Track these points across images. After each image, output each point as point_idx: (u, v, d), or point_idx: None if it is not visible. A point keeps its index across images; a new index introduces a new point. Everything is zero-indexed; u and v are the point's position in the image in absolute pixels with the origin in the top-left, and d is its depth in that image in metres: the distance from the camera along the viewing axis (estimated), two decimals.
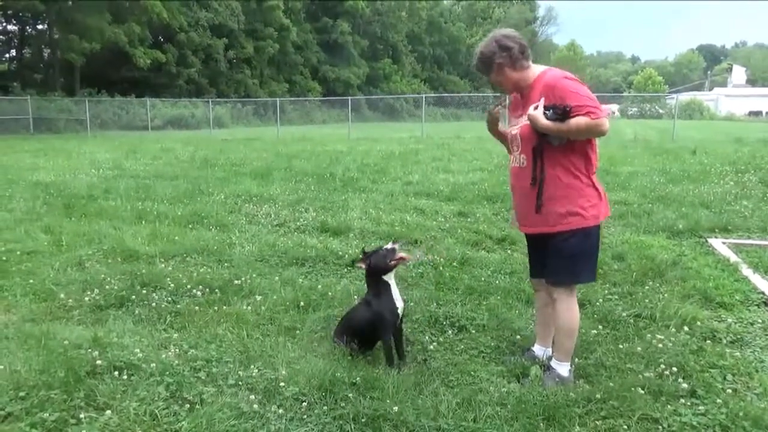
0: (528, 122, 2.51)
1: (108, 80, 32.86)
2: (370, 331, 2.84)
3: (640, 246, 4.93)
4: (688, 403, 2.45)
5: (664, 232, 5.52)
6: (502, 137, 2.85)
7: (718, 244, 5.07)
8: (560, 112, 2.39)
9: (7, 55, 33.51)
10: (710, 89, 72.85)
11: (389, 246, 2.87)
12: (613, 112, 55.30)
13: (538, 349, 2.94)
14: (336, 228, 5.55)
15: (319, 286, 3.88)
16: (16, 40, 34.75)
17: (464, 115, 47.27)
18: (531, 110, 2.47)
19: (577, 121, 2.37)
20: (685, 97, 50.89)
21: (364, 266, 2.86)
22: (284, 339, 3.06)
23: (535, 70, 2.58)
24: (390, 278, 2.84)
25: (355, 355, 2.84)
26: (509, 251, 4.92)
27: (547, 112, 2.43)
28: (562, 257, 2.56)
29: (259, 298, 3.65)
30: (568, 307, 2.62)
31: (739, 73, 78.82)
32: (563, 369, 2.66)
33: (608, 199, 2.75)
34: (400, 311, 2.83)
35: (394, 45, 55.24)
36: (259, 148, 16.06)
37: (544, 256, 2.65)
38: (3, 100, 25.79)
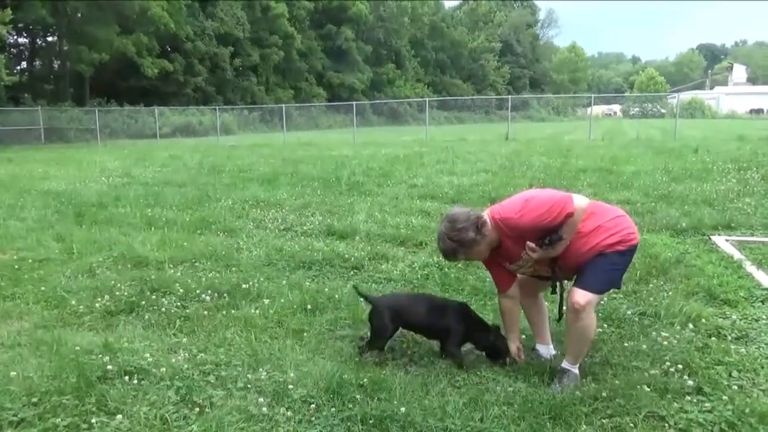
0: (535, 257, 2.58)
1: (117, 90, 33.24)
2: (438, 333, 2.92)
3: (644, 244, 4.87)
4: (694, 400, 2.44)
5: (668, 231, 5.50)
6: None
7: (721, 241, 5.05)
8: (555, 237, 2.52)
9: (19, 67, 33.88)
10: (711, 88, 72.49)
11: (504, 360, 2.89)
12: (615, 112, 55.19)
13: (542, 349, 2.95)
14: (342, 231, 5.58)
15: (326, 289, 3.91)
16: (26, 53, 35.26)
17: (467, 118, 47.32)
18: (534, 256, 2.56)
19: (566, 227, 2.48)
20: (686, 96, 50.75)
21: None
22: (292, 342, 3.08)
23: (491, 224, 2.59)
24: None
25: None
26: None
27: (544, 245, 2.54)
28: (604, 268, 2.57)
29: (266, 301, 3.68)
30: (592, 319, 2.60)
31: (739, 72, 78.40)
32: (576, 369, 2.67)
33: (611, 199, 2.77)
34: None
35: (397, 50, 55.51)
36: (266, 153, 16.15)
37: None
38: (15, 111, 26.17)
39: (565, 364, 2.69)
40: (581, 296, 2.54)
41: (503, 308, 2.86)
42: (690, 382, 2.55)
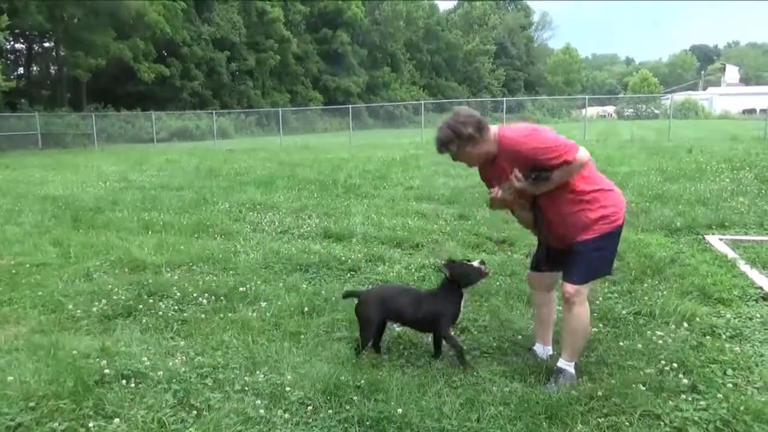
0: (517, 186, 2.58)
1: (114, 95, 33.21)
2: (425, 322, 2.93)
3: (639, 244, 4.94)
4: (690, 399, 2.46)
5: (662, 230, 5.55)
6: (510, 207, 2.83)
7: (715, 240, 5.09)
8: (543, 176, 2.51)
9: (16, 73, 33.92)
10: (704, 89, 72.75)
11: (477, 264, 2.92)
12: (609, 114, 55.36)
13: (539, 348, 2.96)
14: (339, 234, 5.60)
15: (323, 292, 3.93)
16: (23, 58, 35.27)
17: None
18: (517, 184, 2.56)
19: (559, 172, 2.47)
20: (679, 97, 50.95)
21: (447, 273, 2.90)
22: (289, 344, 3.09)
23: (494, 136, 2.61)
24: (466, 291, 2.95)
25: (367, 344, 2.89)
26: (509, 253, 4.96)
27: (530, 178, 2.53)
28: (588, 257, 2.58)
29: (264, 304, 3.69)
30: (583, 310, 2.63)
31: (732, 73, 78.78)
32: (572, 368, 2.68)
33: None
34: (459, 317, 2.96)
35: (392, 53, 55.66)
36: (263, 157, 16.16)
37: (562, 255, 2.68)
38: (12, 117, 26.14)
39: (561, 363, 2.70)
40: (570, 286, 2.60)
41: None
42: (685, 381, 2.57)
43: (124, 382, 2.62)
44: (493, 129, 2.63)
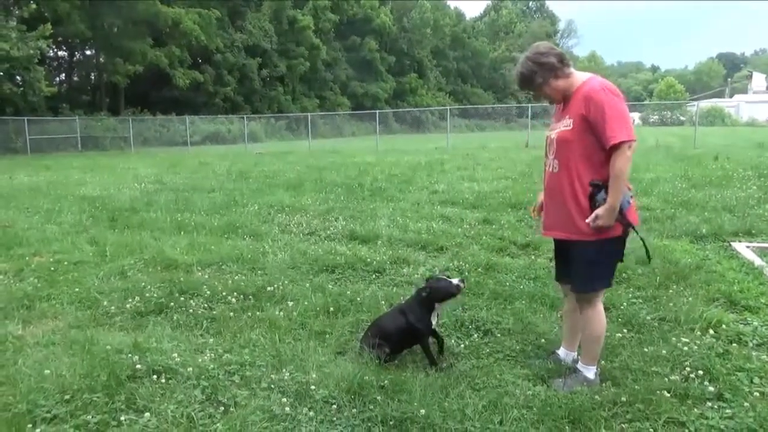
0: (565, 128, 2.51)
1: (150, 100, 34.23)
2: (405, 339, 2.95)
3: (664, 250, 4.85)
4: (715, 407, 2.42)
5: (688, 237, 5.44)
6: None
7: (741, 248, 4.95)
8: (598, 190, 2.43)
9: (58, 79, 35.34)
10: (731, 96, 70.27)
11: (456, 281, 2.96)
12: (634, 120, 54.25)
13: (562, 352, 2.95)
14: (364, 236, 5.64)
15: (348, 292, 3.96)
16: (65, 65, 36.70)
17: (488, 126, 47.08)
18: (592, 222, 2.44)
19: (617, 171, 2.36)
20: (705, 104, 49.55)
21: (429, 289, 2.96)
22: (315, 343, 3.13)
23: (579, 77, 2.56)
24: (441, 305, 2.99)
25: (388, 360, 2.90)
26: (533, 257, 4.93)
27: (597, 198, 2.44)
28: (581, 265, 2.58)
29: (290, 304, 3.75)
30: (594, 313, 2.63)
31: (759, 80, 75.54)
32: (589, 372, 2.67)
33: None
34: (434, 325, 2.97)
35: (419, 60, 55.93)
36: (292, 160, 16.39)
37: (568, 262, 2.69)
38: (54, 121, 27.16)
39: (579, 364, 2.72)
40: (580, 298, 2.67)
41: None
42: (711, 388, 2.53)
43: (155, 377, 2.69)
44: (585, 74, 2.58)
